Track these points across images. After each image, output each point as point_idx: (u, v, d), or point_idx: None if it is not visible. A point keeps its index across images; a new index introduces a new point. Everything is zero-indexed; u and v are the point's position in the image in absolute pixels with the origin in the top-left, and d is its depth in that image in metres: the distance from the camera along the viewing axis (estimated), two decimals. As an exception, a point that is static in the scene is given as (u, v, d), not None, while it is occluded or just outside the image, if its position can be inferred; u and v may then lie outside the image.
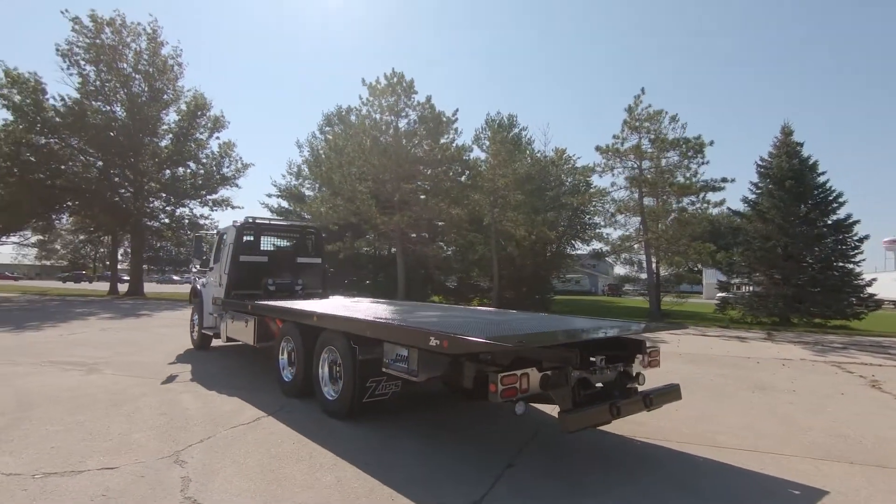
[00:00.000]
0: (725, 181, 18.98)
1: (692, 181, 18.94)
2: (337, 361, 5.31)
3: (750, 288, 23.46)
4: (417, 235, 24.11)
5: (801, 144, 21.93)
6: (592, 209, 22.46)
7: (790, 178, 20.55)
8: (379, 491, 3.45)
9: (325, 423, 5.11)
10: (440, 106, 26.14)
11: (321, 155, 27.62)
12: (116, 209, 29.00)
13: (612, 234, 24.48)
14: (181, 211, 31.78)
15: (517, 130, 30.81)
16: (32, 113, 25.46)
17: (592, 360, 4.16)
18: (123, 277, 39.29)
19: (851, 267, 20.54)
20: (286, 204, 29.67)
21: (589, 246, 29.88)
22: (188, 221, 31.65)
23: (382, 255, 31.85)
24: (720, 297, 24.82)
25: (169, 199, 31.59)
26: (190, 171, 31.90)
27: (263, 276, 9.42)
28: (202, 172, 31.92)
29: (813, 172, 21.07)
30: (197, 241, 10.68)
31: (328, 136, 26.30)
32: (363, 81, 21.68)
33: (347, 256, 27.74)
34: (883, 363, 10.14)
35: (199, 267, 10.56)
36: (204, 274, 10.41)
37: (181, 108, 31.48)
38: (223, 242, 9.64)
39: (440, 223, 24.32)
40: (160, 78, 30.29)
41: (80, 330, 13.24)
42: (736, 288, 24.54)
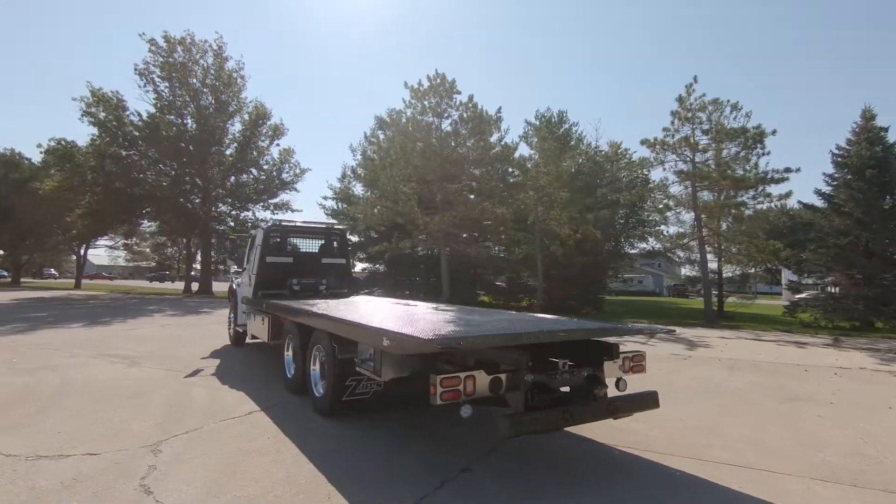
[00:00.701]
0: (789, 171, 17.39)
1: (748, 174, 17.52)
2: (324, 360, 5.45)
3: (831, 289, 21.41)
4: (463, 235, 24.08)
5: (885, 129, 19.72)
6: (650, 206, 21.36)
7: (872, 166, 18.53)
8: (320, 488, 3.51)
9: (309, 419, 5.26)
10: (488, 104, 25.96)
11: (371, 158, 28.35)
12: (187, 214, 31.30)
13: (668, 231, 23.23)
14: (245, 215, 33.78)
15: (567, 126, 30.04)
16: (114, 128, 28.10)
17: (557, 363, 3.98)
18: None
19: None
20: (340, 206, 30.69)
21: (646, 244, 28.54)
22: (251, 225, 33.55)
23: (430, 255, 32.17)
24: (793, 298, 22.85)
25: (234, 203, 33.67)
26: (252, 177, 33.85)
27: (289, 276, 9.81)
28: (263, 178, 33.76)
29: (899, 160, 18.88)
30: (232, 242, 11.31)
31: (374, 139, 26.96)
32: (405, 84, 22.05)
33: (394, 257, 28.26)
34: (963, 375, 8.91)
35: (235, 267, 11.20)
36: (240, 274, 11.01)
37: (244, 118, 33.51)
38: (253, 244, 10.15)
39: (486, 222, 24.13)
40: (226, 91, 32.38)
41: (142, 326, 14.44)
42: (819, 290, 22.46)
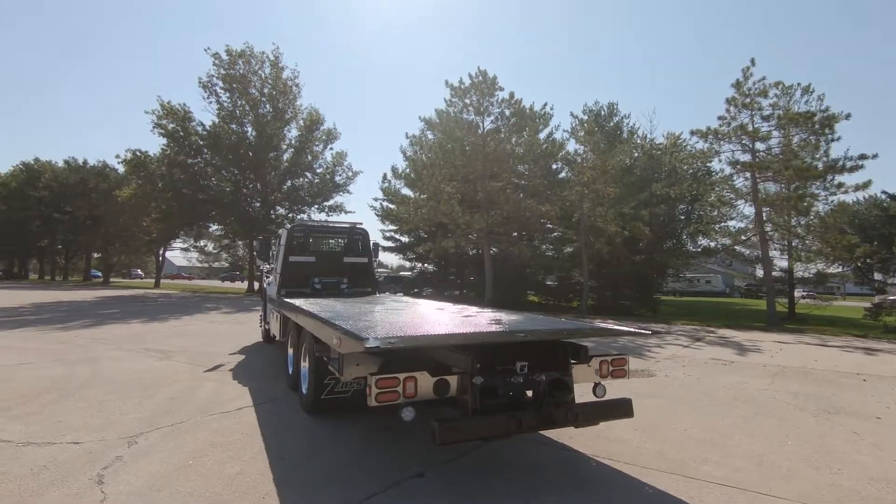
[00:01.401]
0: (865, 158, 15.52)
1: (814, 162, 15.84)
2: (310, 357, 5.46)
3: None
4: (506, 234, 23.68)
5: None
6: (710, 200, 19.88)
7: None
8: (261, 487, 3.49)
9: (292, 417, 5.29)
10: (532, 100, 25.35)
11: (412, 158, 28.57)
12: (247, 217, 33.04)
13: (731, 227, 21.55)
14: (300, 217, 35.14)
15: (618, 119, 28.74)
16: (181, 138, 30.21)
17: (515, 366, 3.73)
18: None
19: None
20: (387, 207, 31.19)
21: (707, 241, 26.69)
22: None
23: (479, 255, 31.94)
24: (878, 299, 20.56)
25: (291, 206, 35.14)
26: (307, 180, 35.16)
27: (312, 275, 10.02)
28: (317, 181, 34.99)
29: None
30: (262, 243, 11.72)
31: (416, 139, 27.11)
32: (446, 83, 21.99)
33: (443, 256, 28.32)
34: None
35: (266, 266, 11.61)
36: (270, 273, 11.40)
37: (300, 124, 34.91)
38: (279, 244, 10.46)
39: (531, 220, 23.57)
40: (282, 99, 33.87)
41: (194, 322, 15.34)
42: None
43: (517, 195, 22.39)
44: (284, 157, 34.70)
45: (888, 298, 19.62)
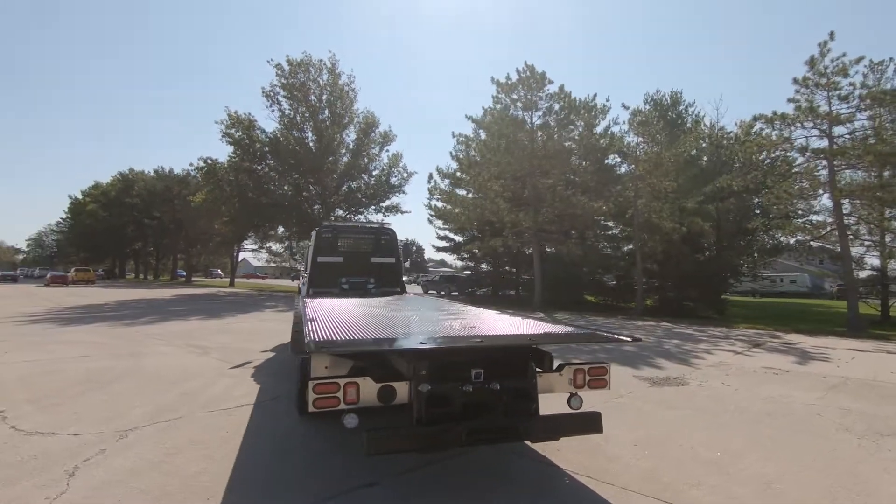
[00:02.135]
0: (968, 140, 13.37)
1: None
2: None
3: None
4: (557, 233, 22.92)
5: None
6: (777, 193, 18.04)
7: None
8: (211, 489, 3.51)
9: (281, 417, 5.35)
10: (594, 93, 24.44)
11: (458, 157, 28.42)
12: (308, 220, 34.38)
13: (802, 221, 19.55)
14: (357, 218, 36.09)
15: (682, 108, 26.93)
16: (247, 145, 32.00)
17: (471, 374, 3.49)
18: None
19: None
20: (438, 206, 31.29)
21: (781, 236, 24.38)
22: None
23: (529, 253, 31.23)
24: None
25: (349, 209, 36.20)
26: (363, 182, 36.06)
27: (340, 275, 10.18)
28: (373, 183, 35.79)
29: None
30: (292, 245, 12.09)
31: (462, 137, 26.92)
32: (492, 80, 21.65)
33: (497, 255, 27.98)
34: None
35: (301, 267, 11.97)
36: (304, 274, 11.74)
37: (357, 127, 35.86)
38: (309, 245, 10.73)
39: (584, 217, 22.67)
40: (339, 104, 34.97)
41: (245, 320, 16.17)
42: None
43: (568, 192, 21.60)
44: (342, 160, 35.79)
45: None
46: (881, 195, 14.10)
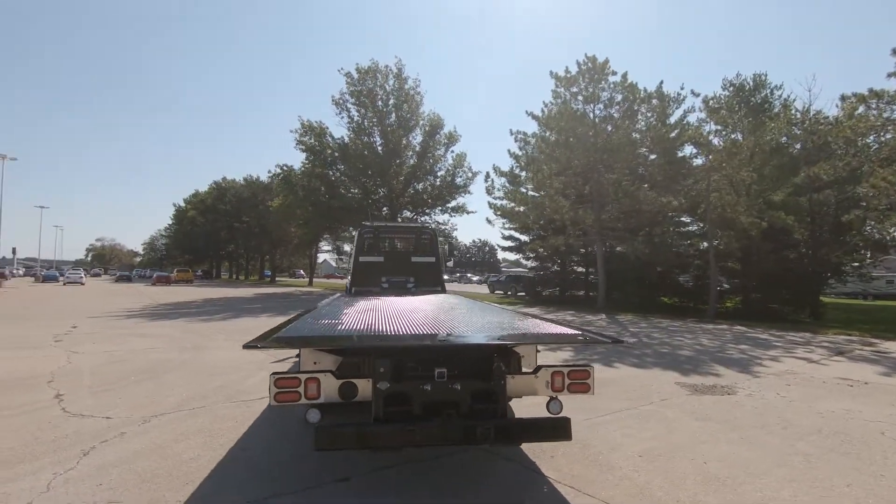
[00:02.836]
0: None
1: None
2: None
3: None
4: (624, 230, 21.79)
5: None
6: (873, 182, 15.83)
7: None
8: (196, 474, 3.71)
9: (290, 410, 5.52)
10: (655, 82, 23.05)
11: (517, 155, 27.85)
12: (377, 221, 35.57)
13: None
14: (423, 219, 36.68)
15: (767, 92, 24.51)
16: (318, 151, 33.68)
17: (434, 373, 3.41)
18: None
19: None
20: (499, 203, 30.95)
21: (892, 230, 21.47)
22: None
23: (607, 252, 29.91)
24: None
25: (415, 209, 36.89)
26: (429, 183, 36.57)
27: (381, 274, 10.40)
28: (438, 184, 36.20)
29: None
30: (338, 247, 12.50)
31: (521, 134, 26.29)
32: (551, 74, 21.04)
33: (559, 254, 27.21)
34: None
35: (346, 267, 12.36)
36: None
37: (423, 130, 36.46)
38: (352, 245, 11.07)
39: (653, 214, 21.38)
40: (405, 108, 35.76)
41: (308, 317, 17.00)
42: None
43: (633, 187, 20.47)
44: (409, 162, 36.56)
45: None
46: None
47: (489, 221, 28.71)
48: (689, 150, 22.20)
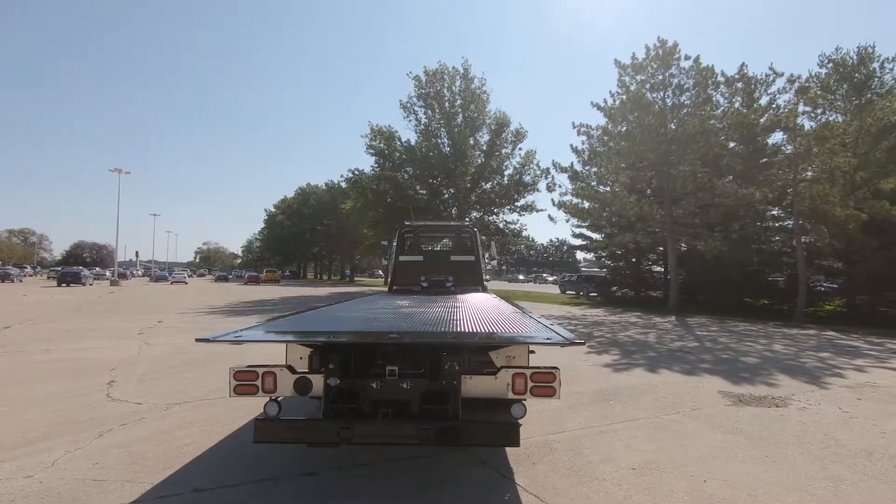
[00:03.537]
0: None
1: None
2: None
3: None
4: (701, 226, 20.14)
5: None
6: None
7: None
8: (180, 460, 3.95)
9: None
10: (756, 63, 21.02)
11: (579, 150, 26.64)
12: (444, 221, 35.90)
13: None
14: (490, 219, 36.46)
15: (874, 67, 21.47)
16: (387, 154, 34.64)
17: (385, 370, 3.36)
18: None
19: None
20: (570, 199, 29.92)
21: None
22: (493, 228, 35.96)
23: (688, 250, 27.86)
24: None
25: (483, 208, 36.76)
26: (496, 182, 36.26)
27: (420, 273, 10.46)
28: (506, 182, 35.78)
29: None
30: (383, 246, 12.70)
31: (583, 127, 25.04)
32: (616, 62, 19.94)
33: (631, 252, 25.87)
34: None
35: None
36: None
37: (490, 129, 36.25)
38: (393, 244, 11.24)
39: (732, 208, 19.57)
40: (472, 108, 35.76)
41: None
42: None
43: (709, 179, 18.86)
44: (476, 161, 36.51)
45: None
46: None
47: (551, 219, 27.91)
48: (778, 136, 20.10)
